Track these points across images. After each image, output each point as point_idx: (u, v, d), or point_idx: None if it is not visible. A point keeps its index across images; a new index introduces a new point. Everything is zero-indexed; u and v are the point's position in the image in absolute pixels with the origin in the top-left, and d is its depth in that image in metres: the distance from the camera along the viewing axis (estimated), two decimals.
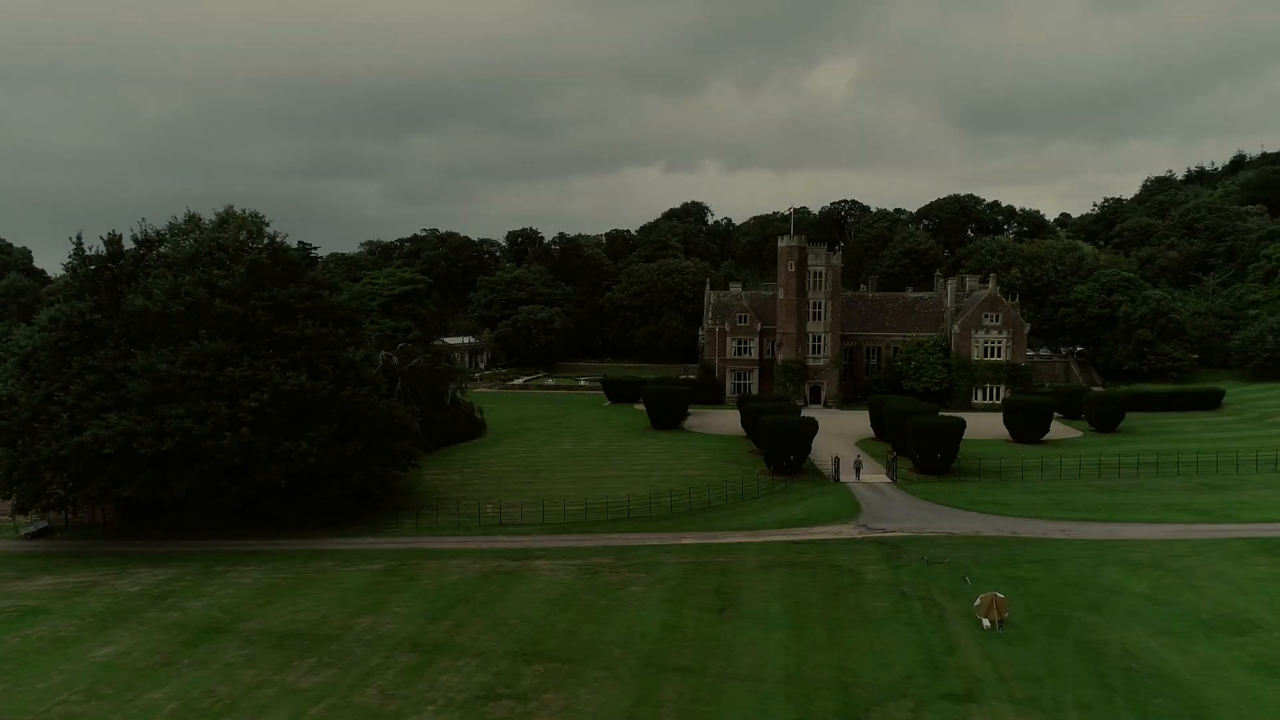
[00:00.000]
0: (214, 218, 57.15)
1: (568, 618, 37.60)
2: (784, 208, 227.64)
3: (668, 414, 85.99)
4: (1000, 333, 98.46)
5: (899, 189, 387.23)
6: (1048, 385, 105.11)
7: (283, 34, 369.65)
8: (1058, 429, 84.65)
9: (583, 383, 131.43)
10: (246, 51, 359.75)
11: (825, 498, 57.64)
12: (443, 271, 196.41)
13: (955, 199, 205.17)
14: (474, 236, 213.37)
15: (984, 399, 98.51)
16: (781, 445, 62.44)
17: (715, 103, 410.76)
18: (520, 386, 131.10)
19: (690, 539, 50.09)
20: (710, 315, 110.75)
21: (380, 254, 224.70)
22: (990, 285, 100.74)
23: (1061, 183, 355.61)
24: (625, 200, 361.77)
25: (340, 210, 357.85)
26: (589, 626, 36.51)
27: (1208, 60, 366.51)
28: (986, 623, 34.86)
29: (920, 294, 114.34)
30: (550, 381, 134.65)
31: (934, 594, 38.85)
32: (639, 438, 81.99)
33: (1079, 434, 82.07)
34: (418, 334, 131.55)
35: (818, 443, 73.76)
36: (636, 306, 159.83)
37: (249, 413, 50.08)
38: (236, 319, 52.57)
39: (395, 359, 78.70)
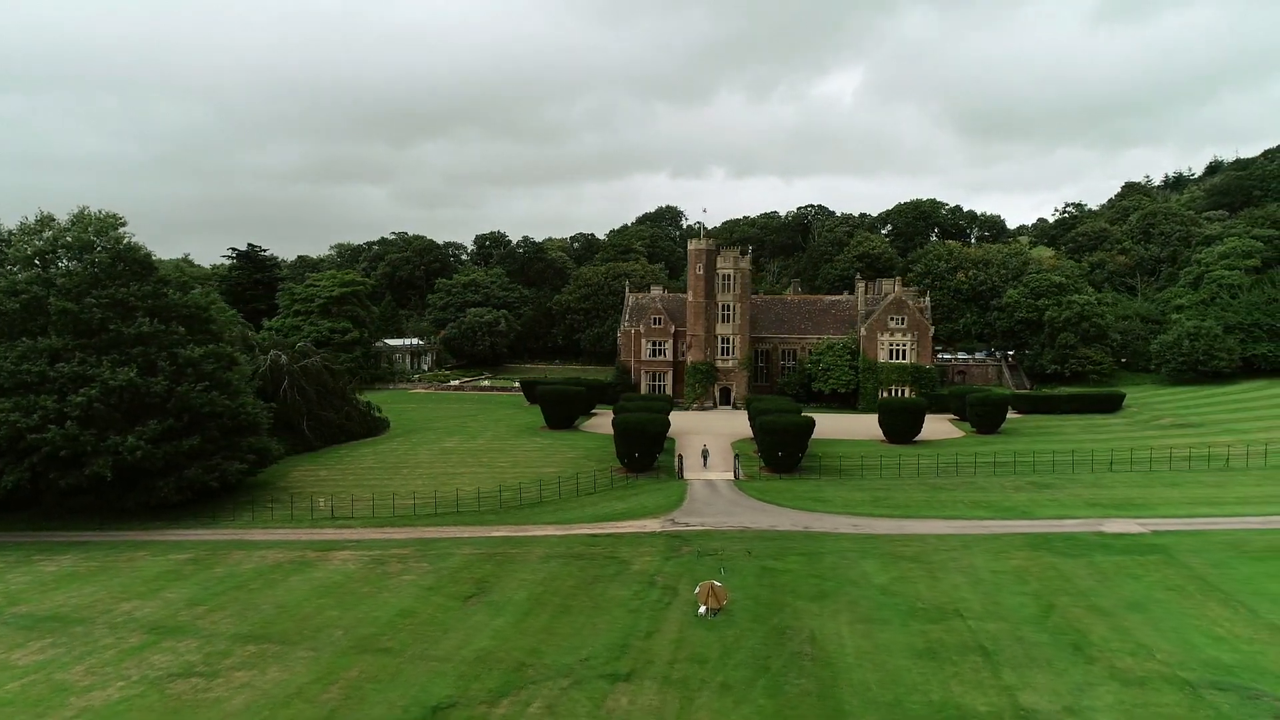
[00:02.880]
0: (68, 217, 58.61)
1: (319, 603, 39.05)
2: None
3: (562, 414, 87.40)
4: (905, 335, 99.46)
5: (904, 195, 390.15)
6: (978, 387, 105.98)
7: (299, 44, 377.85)
8: (946, 430, 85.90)
9: (517, 384, 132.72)
10: (263, 60, 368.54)
11: (656, 494, 58.87)
12: (406, 274, 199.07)
13: (915, 204, 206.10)
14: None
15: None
16: (627, 443, 63.76)
17: (723, 110, 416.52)
18: (456, 387, 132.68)
19: (501, 532, 51.43)
20: (627, 317, 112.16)
21: (349, 256, 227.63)
22: (895, 288, 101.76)
23: (1067, 189, 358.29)
24: (636, 206, 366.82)
25: (352, 213, 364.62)
26: (333, 612, 37.96)
27: (1213, 69, 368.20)
28: (703, 609, 36.18)
29: (837, 297, 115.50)
30: (485, 383, 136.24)
31: (681, 584, 40.08)
32: (526, 437, 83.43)
33: (961, 435, 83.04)
34: (355, 335, 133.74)
35: (693, 441, 75.40)
36: (583, 309, 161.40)
37: (76, 407, 51.73)
38: (72, 316, 54.26)
39: (284, 358, 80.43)
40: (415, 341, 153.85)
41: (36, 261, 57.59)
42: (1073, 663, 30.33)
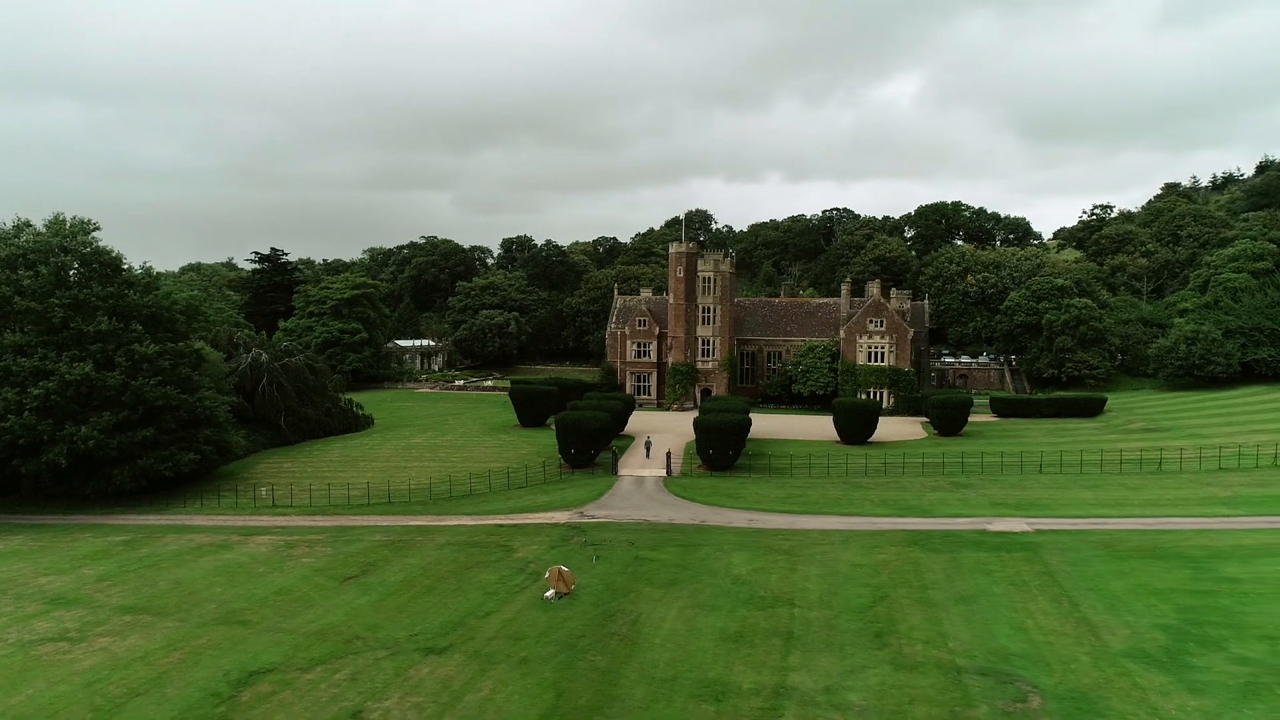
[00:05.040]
0: (43, 222, 63.14)
1: (211, 581, 42.07)
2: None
3: (532, 412, 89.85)
4: (884, 338, 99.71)
5: (962, 198, 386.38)
6: (943, 390, 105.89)
7: (366, 54, 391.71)
8: (912, 431, 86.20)
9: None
10: (331, 70, 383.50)
11: (583, 488, 60.87)
12: (431, 277, 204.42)
13: (937, 206, 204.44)
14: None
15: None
16: (565, 439, 65.99)
17: (780, 115, 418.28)
18: (460, 387, 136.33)
19: (418, 521, 54.02)
20: (614, 319, 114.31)
21: (380, 260, 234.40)
22: (874, 291, 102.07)
23: (1133, 192, 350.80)
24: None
25: (417, 218, 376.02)
26: (219, 589, 40.91)
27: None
28: (550, 593, 38.22)
29: (825, 300, 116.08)
30: (489, 383, 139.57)
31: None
32: (493, 434, 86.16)
33: (924, 437, 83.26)
34: (364, 336, 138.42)
35: (656, 440, 77.02)
36: (592, 312, 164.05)
37: (35, 399, 55.92)
38: (36, 315, 58.55)
39: (264, 356, 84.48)
40: (427, 343, 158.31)
41: (16, 264, 61.94)
42: (863, 648, 31.59)
